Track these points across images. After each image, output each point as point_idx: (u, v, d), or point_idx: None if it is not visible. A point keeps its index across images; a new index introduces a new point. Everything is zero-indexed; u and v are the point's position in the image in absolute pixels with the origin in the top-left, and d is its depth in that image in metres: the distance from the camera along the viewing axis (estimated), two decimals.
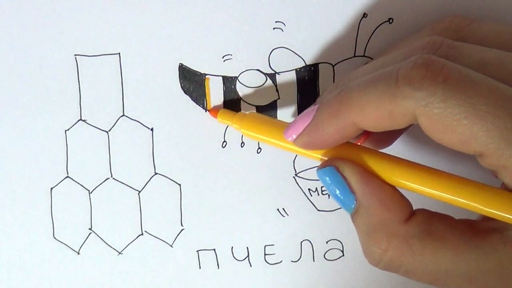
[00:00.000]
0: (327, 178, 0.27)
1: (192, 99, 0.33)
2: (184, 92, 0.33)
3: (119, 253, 0.34)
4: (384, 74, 0.24)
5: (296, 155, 0.34)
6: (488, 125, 0.23)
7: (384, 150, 0.28)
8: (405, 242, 0.25)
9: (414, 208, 0.27)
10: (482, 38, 0.28)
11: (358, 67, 0.32)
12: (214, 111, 0.32)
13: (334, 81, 0.33)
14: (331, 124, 0.26)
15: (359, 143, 0.29)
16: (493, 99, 0.23)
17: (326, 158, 0.28)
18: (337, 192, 0.27)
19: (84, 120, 0.33)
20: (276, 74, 0.32)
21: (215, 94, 0.33)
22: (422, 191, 0.26)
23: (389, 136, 0.31)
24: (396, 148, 0.31)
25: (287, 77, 0.33)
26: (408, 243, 0.25)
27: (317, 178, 0.34)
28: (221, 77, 0.32)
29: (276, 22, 0.32)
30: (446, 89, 0.23)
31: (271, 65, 0.32)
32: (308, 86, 0.33)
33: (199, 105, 0.33)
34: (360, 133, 0.26)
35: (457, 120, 0.23)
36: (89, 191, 0.34)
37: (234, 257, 0.35)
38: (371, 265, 0.27)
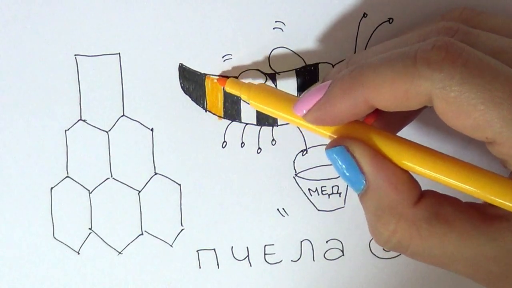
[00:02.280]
0: (337, 158, 0.26)
1: (192, 99, 0.33)
2: (184, 92, 0.33)
3: (119, 253, 0.35)
4: (402, 54, 0.24)
5: (296, 155, 0.34)
6: (503, 113, 0.23)
7: None
8: (413, 224, 0.25)
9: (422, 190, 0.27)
10: (491, 29, 0.27)
11: None
12: (223, 80, 0.31)
13: None
14: (343, 100, 0.26)
15: (368, 123, 0.29)
16: (510, 87, 0.23)
17: (335, 136, 0.27)
18: (346, 172, 0.26)
19: (84, 120, 0.33)
20: (276, 74, 0.32)
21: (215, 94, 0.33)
22: (430, 175, 0.26)
23: (399, 121, 0.31)
24: (404, 134, 0.31)
25: (287, 77, 0.33)
26: (416, 225, 0.25)
27: (317, 178, 0.34)
28: (221, 77, 0.32)
29: (276, 22, 0.32)
30: (464, 73, 0.23)
31: (271, 65, 0.32)
32: (308, 86, 0.33)
33: (199, 105, 0.33)
34: (371, 111, 0.26)
35: (473, 105, 0.23)
36: (89, 191, 0.34)
37: (234, 257, 0.35)
38: (378, 244, 0.27)
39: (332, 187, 0.34)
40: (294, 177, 0.34)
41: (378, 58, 0.25)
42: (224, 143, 0.33)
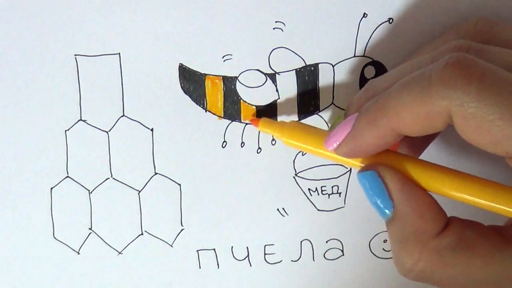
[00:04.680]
0: (367, 183, 0.27)
1: (192, 99, 0.33)
2: (184, 92, 0.33)
3: (119, 253, 0.35)
4: (417, 76, 0.24)
5: (296, 155, 0.34)
6: None
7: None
8: (438, 253, 0.25)
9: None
10: (506, 41, 0.27)
11: (358, 67, 0.32)
12: (255, 120, 0.32)
13: (334, 81, 0.33)
14: (370, 131, 0.26)
15: (393, 149, 0.29)
16: None
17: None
18: (375, 197, 0.26)
19: (84, 120, 0.33)
20: (276, 74, 0.32)
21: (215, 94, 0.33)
22: (463, 198, 0.26)
23: (422, 142, 0.31)
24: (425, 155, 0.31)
25: (287, 77, 0.33)
26: (440, 254, 0.25)
27: (317, 178, 0.34)
28: (221, 77, 0.32)
29: (276, 22, 0.32)
30: (480, 88, 0.23)
31: (271, 65, 0.32)
32: (308, 86, 0.33)
33: (199, 105, 0.33)
34: (400, 139, 0.26)
35: (490, 120, 0.23)
36: (89, 191, 0.34)
37: (234, 256, 0.35)
38: (400, 274, 0.26)
39: (332, 187, 0.34)
40: (294, 177, 0.34)
41: (396, 85, 0.25)
42: (224, 143, 0.33)
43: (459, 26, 0.30)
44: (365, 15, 0.32)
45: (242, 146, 0.33)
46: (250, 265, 0.35)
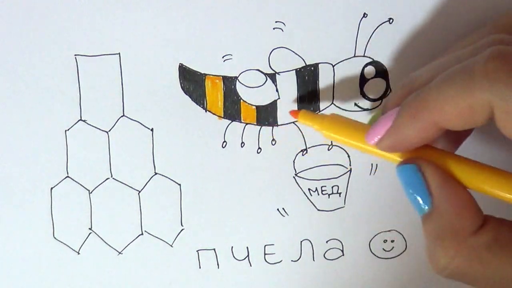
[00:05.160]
0: (406, 176, 0.26)
1: (192, 99, 0.33)
2: (184, 92, 0.33)
3: (119, 253, 0.35)
4: (459, 70, 0.24)
5: (296, 155, 0.34)
6: None
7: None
8: (474, 251, 0.25)
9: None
10: None
11: (358, 67, 0.32)
12: (295, 112, 0.31)
13: (334, 81, 0.33)
14: (412, 125, 0.26)
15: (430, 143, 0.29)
16: None
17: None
18: (414, 192, 0.26)
19: (84, 120, 0.33)
20: (276, 74, 0.32)
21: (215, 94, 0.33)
22: (502, 196, 0.25)
23: (458, 137, 0.31)
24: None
25: (287, 77, 0.33)
26: (477, 252, 0.25)
27: (317, 178, 0.34)
28: (221, 77, 0.32)
29: (276, 22, 0.32)
30: None
31: (271, 65, 0.32)
32: (308, 86, 0.33)
33: (199, 105, 0.33)
34: (441, 133, 0.26)
35: None
36: (89, 191, 0.34)
37: (234, 256, 0.35)
38: (434, 271, 0.26)
39: (332, 187, 0.34)
40: (294, 177, 0.34)
41: (438, 79, 0.25)
42: (224, 143, 0.33)
43: (497, 19, 0.30)
44: (365, 15, 0.32)
45: (242, 146, 0.33)
46: (250, 265, 0.35)
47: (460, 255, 0.25)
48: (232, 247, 0.35)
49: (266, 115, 0.33)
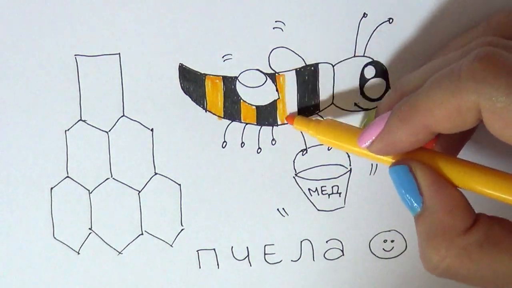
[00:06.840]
0: (398, 177, 0.27)
1: (192, 99, 0.33)
2: (184, 92, 0.33)
3: (119, 253, 0.35)
4: (447, 73, 0.24)
5: (296, 155, 0.34)
6: None
7: None
8: (465, 250, 0.25)
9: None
10: None
11: (358, 67, 0.32)
12: (291, 118, 0.32)
13: (334, 81, 0.33)
14: (402, 129, 0.26)
15: (428, 147, 0.29)
16: None
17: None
18: (405, 192, 0.27)
19: (84, 120, 0.33)
20: (276, 74, 0.32)
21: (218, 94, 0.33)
22: (492, 194, 0.26)
23: (457, 142, 0.31)
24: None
25: (287, 77, 0.33)
26: (467, 251, 0.25)
27: (317, 178, 0.34)
28: (221, 77, 0.32)
29: (276, 22, 0.32)
30: (509, 83, 0.22)
31: (271, 65, 0.32)
32: (308, 86, 0.33)
33: (199, 105, 0.33)
34: (432, 138, 0.26)
35: None
36: (89, 191, 0.34)
37: (234, 256, 0.35)
38: (426, 270, 0.26)
39: (332, 187, 0.34)
40: (294, 177, 0.34)
41: (428, 82, 0.25)
42: (224, 143, 0.33)
43: (490, 17, 0.30)
44: (365, 15, 0.32)
45: (242, 146, 0.33)
46: (250, 265, 0.35)
47: (451, 254, 0.25)
48: (232, 247, 0.35)
49: (266, 115, 0.33)
